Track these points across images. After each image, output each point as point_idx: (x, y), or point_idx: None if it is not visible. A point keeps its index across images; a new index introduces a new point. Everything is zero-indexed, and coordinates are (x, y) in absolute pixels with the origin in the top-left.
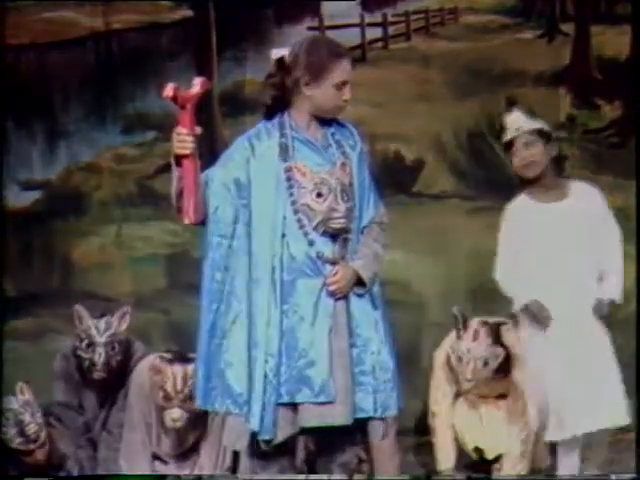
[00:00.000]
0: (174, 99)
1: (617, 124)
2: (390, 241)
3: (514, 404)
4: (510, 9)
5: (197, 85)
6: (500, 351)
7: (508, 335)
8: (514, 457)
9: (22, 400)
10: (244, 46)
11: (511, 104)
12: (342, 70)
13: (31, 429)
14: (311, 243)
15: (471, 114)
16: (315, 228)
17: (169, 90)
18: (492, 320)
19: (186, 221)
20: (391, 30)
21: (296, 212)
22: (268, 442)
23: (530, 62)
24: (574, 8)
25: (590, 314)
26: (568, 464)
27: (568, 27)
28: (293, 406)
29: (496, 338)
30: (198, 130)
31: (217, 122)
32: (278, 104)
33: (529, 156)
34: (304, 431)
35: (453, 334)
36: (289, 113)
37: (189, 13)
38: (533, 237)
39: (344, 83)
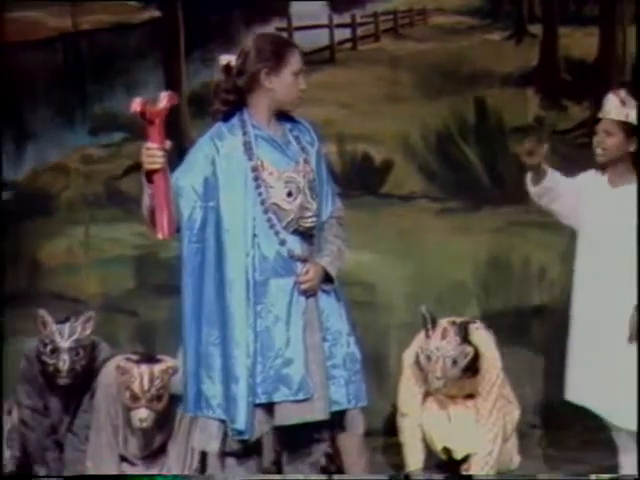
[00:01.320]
0: (142, 114)
1: (585, 125)
2: (359, 242)
3: (482, 404)
4: (478, 10)
5: (164, 99)
6: (469, 350)
7: (477, 334)
8: (482, 457)
9: (10, 424)
10: (212, 47)
11: (480, 105)
12: (296, 58)
13: (8, 467)
14: (282, 242)
15: (440, 115)
16: (285, 227)
17: (137, 105)
18: (460, 320)
19: (160, 236)
20: (360, 31)
21: (266, 212)
22: (241, 442)
23: (498, 63)
24: (542, 9)
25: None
26: None
27: (536, 28)
28: (267, 405)
29: (465, 337)
30: (168, 144)
31: (185, 123)
32: (232, 108)
33: (600, 143)
34: (274, 429)
35: (422, 334)
36: (248, 111)
37: (157, 14)
38: (590, 210)
39: (300, 71)
